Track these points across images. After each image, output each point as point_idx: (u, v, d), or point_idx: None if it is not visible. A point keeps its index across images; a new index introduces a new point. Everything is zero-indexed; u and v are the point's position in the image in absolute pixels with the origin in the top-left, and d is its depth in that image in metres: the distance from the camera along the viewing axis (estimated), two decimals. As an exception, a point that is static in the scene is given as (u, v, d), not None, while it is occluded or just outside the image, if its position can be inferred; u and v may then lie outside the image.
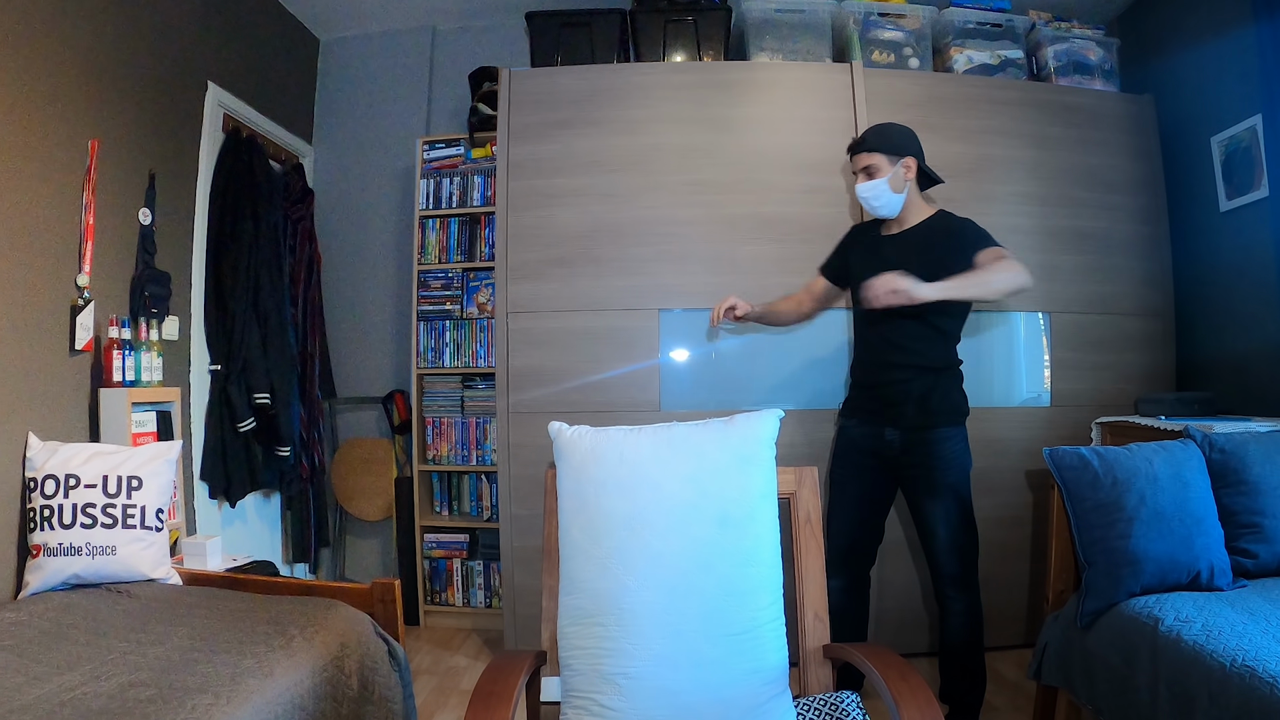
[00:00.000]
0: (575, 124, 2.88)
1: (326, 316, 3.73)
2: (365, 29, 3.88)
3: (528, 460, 2.80)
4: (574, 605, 1.55)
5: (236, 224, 3.06)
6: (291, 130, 3.66)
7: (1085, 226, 2.99)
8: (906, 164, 2.20)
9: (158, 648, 1.61)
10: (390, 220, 3.85)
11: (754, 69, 2.98)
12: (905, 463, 2.23)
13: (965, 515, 2.22)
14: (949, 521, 2.19)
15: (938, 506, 2.19)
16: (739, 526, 1.56)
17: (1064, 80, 3.12)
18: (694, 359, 2.93)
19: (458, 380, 3.45)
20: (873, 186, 2.19)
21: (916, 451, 2.20)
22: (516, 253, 2.85)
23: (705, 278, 2.84)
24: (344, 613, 1.86)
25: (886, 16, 3.03)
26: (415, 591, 3.36)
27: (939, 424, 2.19)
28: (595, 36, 3.08)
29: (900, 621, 2.84)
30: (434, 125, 3.87)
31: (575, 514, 1.60)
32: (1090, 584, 1.91)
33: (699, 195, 2.86)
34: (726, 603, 1.52)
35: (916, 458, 2.20)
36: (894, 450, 2.23)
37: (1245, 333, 2.88)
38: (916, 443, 2.19)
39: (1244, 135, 2.86)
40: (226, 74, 3.16)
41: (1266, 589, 1.86)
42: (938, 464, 2.18)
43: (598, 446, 1.63)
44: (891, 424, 2.22)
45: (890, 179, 2.18)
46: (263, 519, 3.41)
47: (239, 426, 2.99)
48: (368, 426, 3.79)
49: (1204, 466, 2.02)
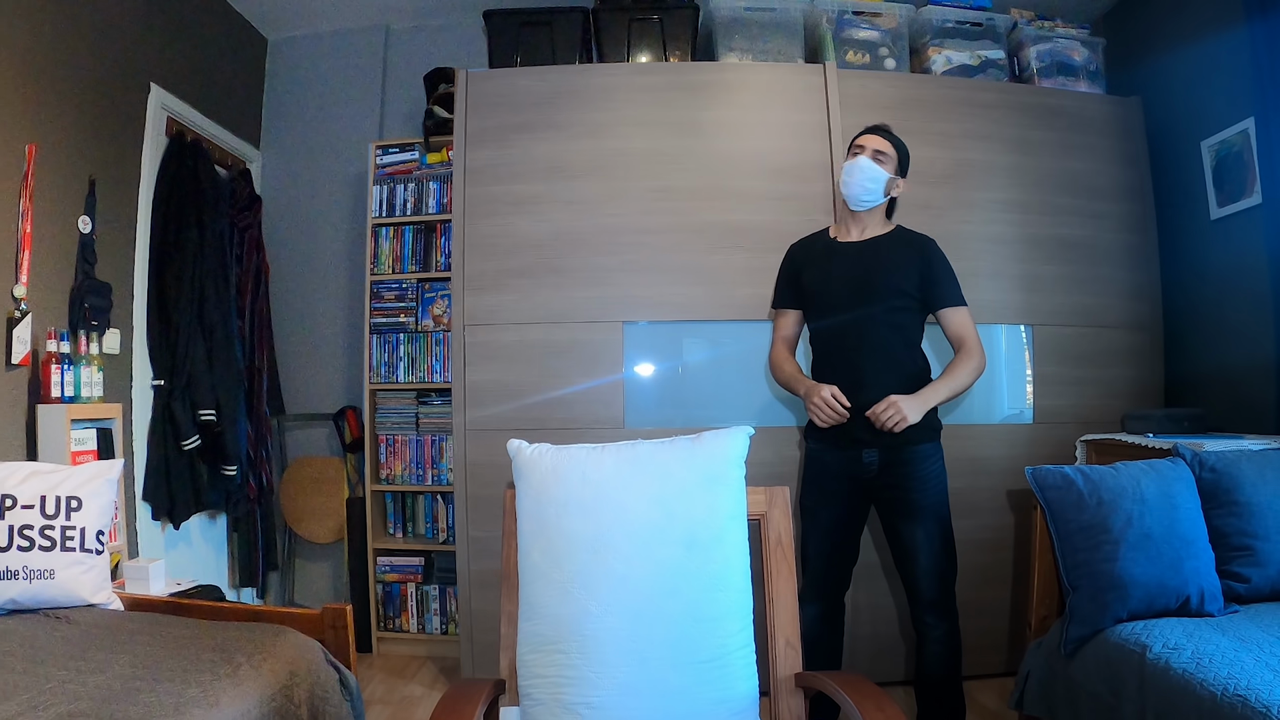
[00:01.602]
0: (536, 128, 3.06)
1: (275, 329, 3.92)
2: (315, 28, 4.09)
3: (486, 480, 2.95)
4: (534, 632, 1.63)
5: (181, 232, 3.25)
6: (238, 134, 3.87)
7: (1069, 235, 3.19)
8: (902, 183, 2.44)
9: (98, 676, 1.65)
10: (341, 229, 4.05)
11: (723, 70, 3.18)
12: (882, 484, 2.33)
13: (946, 537, 2.34)
14: (930, 544, 2.30)
15: (918, 529, 2.30)
16: (707, 549, 1.64)
17: (1047, 82, 3.33)
18: (660, 374, 3.12)
19: (412, 396, 3.64)
20: (874, 168, 2.36)
21: (895, 471, 2.30)
22: (474, 262, 3.02)
23: (672, 288, 3.02)
24: (293, 639, 1.93)
25: (861, 15, 3.25)
26: (368, 617, 3.53)
27: (919, 440, 2.30)
28: (556, 36, 3.29)
29: (875, 649, 2.99)
30: (387, 129, 4.07)
31: (535, 536, 1.68)
32: (1074, 610, 2.02)
33: (665, 202, 3.04)
34: (694, 629, 1.59)
35: (895, 478, 2.31)
36: (872, 472, 2.32)
37: (1237, 346, 3.05)
38: (895, 462, 2.30)
39: (1235, 139, 3.03)
40: (170, 75, 3.35)
41: (1260, 615, 1.95)
42: (916, 484, 2.30)
43: (559, 465, 1.72)
44: (870, 443, 2.31)
45: (888, 180, 2.39)
46: (208, 541, 3.59)
47: (183, 444, 3.16)
48: (318, 444, 3.98)
49: (1194, 486, 2.14)
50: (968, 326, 2.36)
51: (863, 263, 2.38)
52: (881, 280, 2.34)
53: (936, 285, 2.36)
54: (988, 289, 3.09)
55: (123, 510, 2.87)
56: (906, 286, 2.34)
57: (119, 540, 2.80)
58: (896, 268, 2.35)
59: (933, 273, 2.36)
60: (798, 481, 2.69)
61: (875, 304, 2.32)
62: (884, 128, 2.44)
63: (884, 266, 2.35)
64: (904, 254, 2.37)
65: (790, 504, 1.84)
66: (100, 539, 2.22)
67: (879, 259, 2.38)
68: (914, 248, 2.39)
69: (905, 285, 2.34)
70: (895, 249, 2.39)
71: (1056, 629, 2.12)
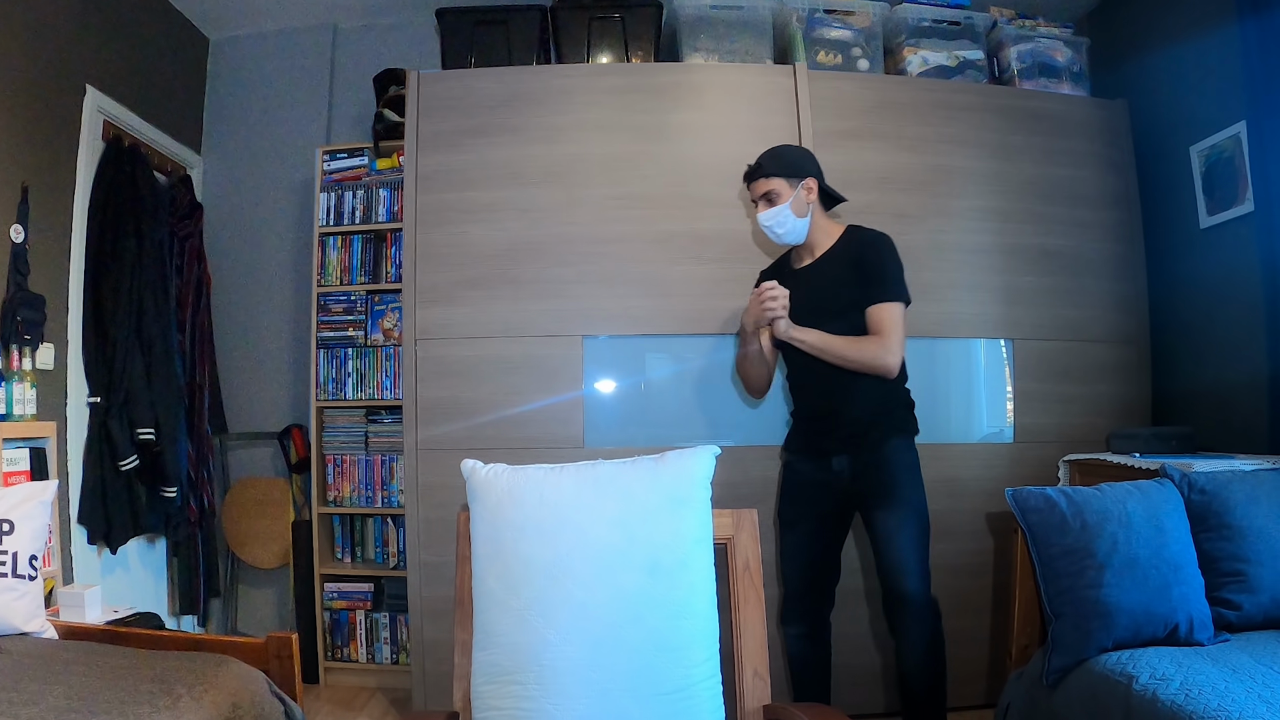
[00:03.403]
0: (491, 132, 3.28)
1: (217, 344, 4.14)
2: (259, 27, 4.33)
3: (438, 502, 3.15)
4: (489, 661, 1.70)
5: (118, 242, 3.46)
6: (178, 139, 4.10)
7: (1052, 244, 3.42)
8: (808, 185, 2.61)
9: (31, 708, 1.71)
10: (287, 238, 4.28)
11: (687, 71, 3.41)
12: (858, 487, 2.55)
13: (921, 528, 2.50)
14: (901, 532, 2.47)
15: (889, 516, 2.49)
16: (671, 575, 1.71)
17: (1028, 84, 3.57)
18: (621, 391, 3.33)
19: (361, 414, 3.86)
20: (775, 214, 2.59)
21: (870, 471, 2.53)
22: (426, 274, 3.23)
23: (633, 301, 3.23)
24: (236, 670, 2.05)
25: (833, 13, 3.49)
26: (314, 646, 3.73)
27: (887, 436, 2.54)
28: (513, 35, 3.53)
29: (851, 679, 3.14)
30: (335, 133, 4.31)
31: (490, 561, 1.76)
32: (1057, 638, 2.13)
33: (627, 210, 3.26)
34: (657, 658, 1.66)
35: (870, 475, 2.53)
36: (845, 479, 2.56)
37: (1228, 361, 3.25)
38: (869, 463, 2.53)
39: (1226, 144, 3.23)
40: (107, 77, 3.57)
41: (1251, 643, 2.05)
42: (887, 473, 2.51)
43: (515, 487, 1.80)
44: (840, 451, 2.56)
45: (792, 203, 2.59)
46: (147, 566, 3.77)
47: (120, 465, 3.35)
48: (262, 465, 4.20)
49: (1182, 509, 2.27)
50: (885, 321, 2.49)
51: (815, 285, 2.61)
52: (828, 300, 2.56)
53: (865, 285, 2.54)
54: (966, 301, 3.32)
55: (57, 534, 3.05)
56: (855, 298, 2.54)
57: (53, 565, 2.98)
58: (845, 281, 2.57)
59: (863, 273, 2.55)
60: (775, 499, 2.94)
61: (835, 322, 2.53)
62: (753, 167, 2.65)
63: (834, 284, 2.58)
64: (844, 265, 2.59)
65: (759, 527, 1.94)
66: (33, 564, 2.35)
67: (828, 277, 2.61)
68: (854, 253, 2.60)
69: (853, 297, 2.54)
70: (841, 262, 2.61)
71: (1038, 658, 2.24)
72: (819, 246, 2.68)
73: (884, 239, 2.61)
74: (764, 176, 2.61)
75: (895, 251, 2.58)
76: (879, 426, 2.55)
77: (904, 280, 2.57)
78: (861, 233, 2.66)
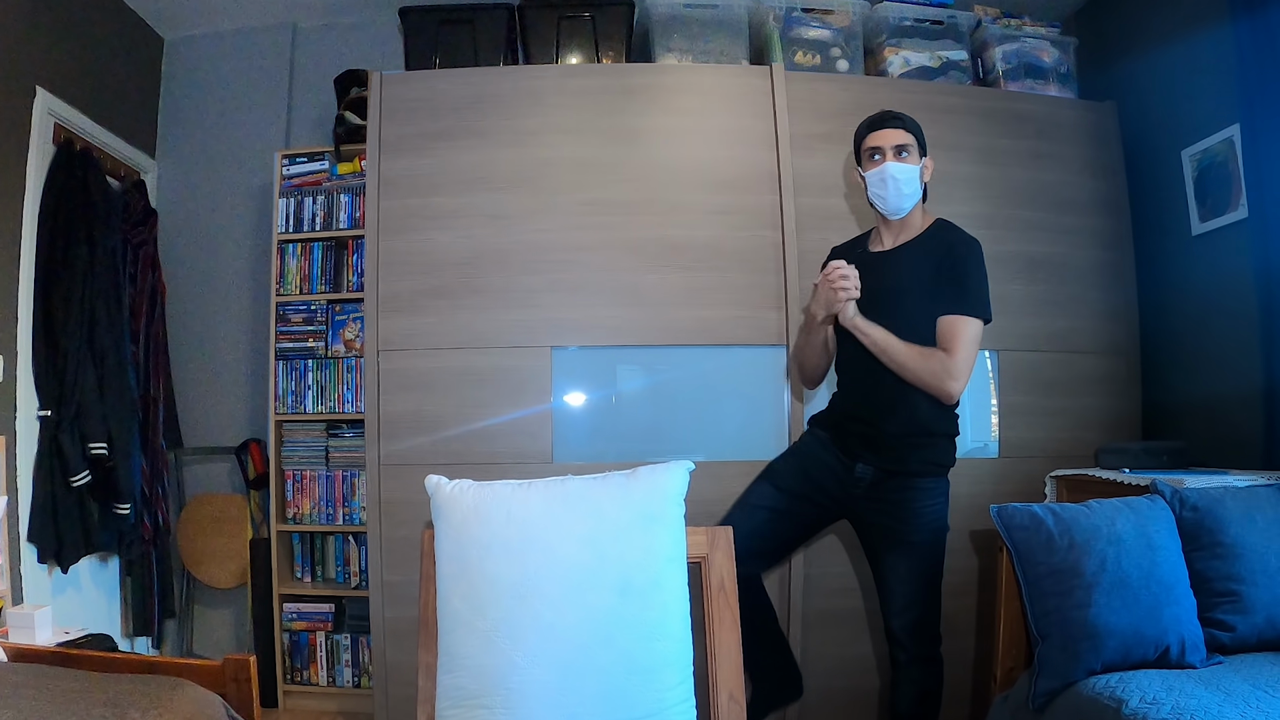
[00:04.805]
0: (456, 135, 3.43)
1: (172, 355, 4.29)
2: (216, 26, 4.49)
3: (402, 519, 3.26)
4: (455, 685, 1.77)
5: (69, 250, 3.59)
6: (132, 143, 4.26)
7: (1038, 252, 3.57)
8: (928, 164, 2.63)
9: None
10: (244, 245, 4.44)
11: (660, 72, 3.58)
12: (868, 507, 2.57)
13: (931, 579, 2.55)
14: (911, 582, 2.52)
15: (900, 563, 2.52)
16: (643, 595, 1.78)
17: (1014, 85, 3.74)
18: (592, 404, 3.49)
19: (322, 428, 4.02)
20: (909, 170, 2.54)
21: (887, 499, 2.53)
22: (389, 282, 3.36)
23: (604, 310, 3.37)
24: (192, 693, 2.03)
25: (811, 12, 3.66)
26: (273, 669, 3.88)
27: (920, 471, 2.53)
28: (479, 35, 3.70)
29: (831, 703, 3.31)
30: (295, 137, 4.49)
31: (456, 581, 1.82)
32: (1044, 660, 2.19)
33: (597, 217, 3.40)
34: (628, 681, 1.72)
35: (885, 506, 2.54)
36: (860, 488, 2.56)
37: (1221, 373, 3.38)
38: (889, 489, 2.53)
39: (1219, 148, 3.36)
40: (57, 78, 3.71)
41: (1245, 666, 2.12)
42: (910, 516, 2.51)
43: (481, 503, 1.87)
44: (868, 460, 2.54)
45: (922, 170, 2.58)
46: (99, 586, 3.91)
47: (72, 480, 3.48)
48: (219, 480, 4.36)
49: (1174, 526, 2.34)
50: (960, 337, 2.43)
51: (891, 274, 2.57)
52: (901, 293, 2.53)
53: (946, 289, 2.48)
54: (949, 311, 3.47)
55: (6, 552, 3.20)
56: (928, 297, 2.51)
57: (2, 585, 3.13)
58: (924, 278, 2.52)
59: (943, 276, 2.49)
60: None
61: (898, 319, 2.47)
62: (892, 115, 2.61)
63: (911, 277, 2.55)
64: (932, 258, 2.55)
65: (733, 546, 2.03)
66: (-18, 582, 2.49)
67: (906, 269, 2.58)
68: (943, 249, 2.55)
69: (928, 295, 2.51)
70: (925, 256, 2.57)
71: (1024, 681, 2.31)
72: (904, 233, 2.66)
73: (977, 245, 2.57)
74: (903, 129, 2.58)
75: (984, 263, 2.55)
76: (917, 455, 2.55)
77: (989, 297, 2.54)
78: (954, 232, 2.62)
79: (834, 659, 3.32)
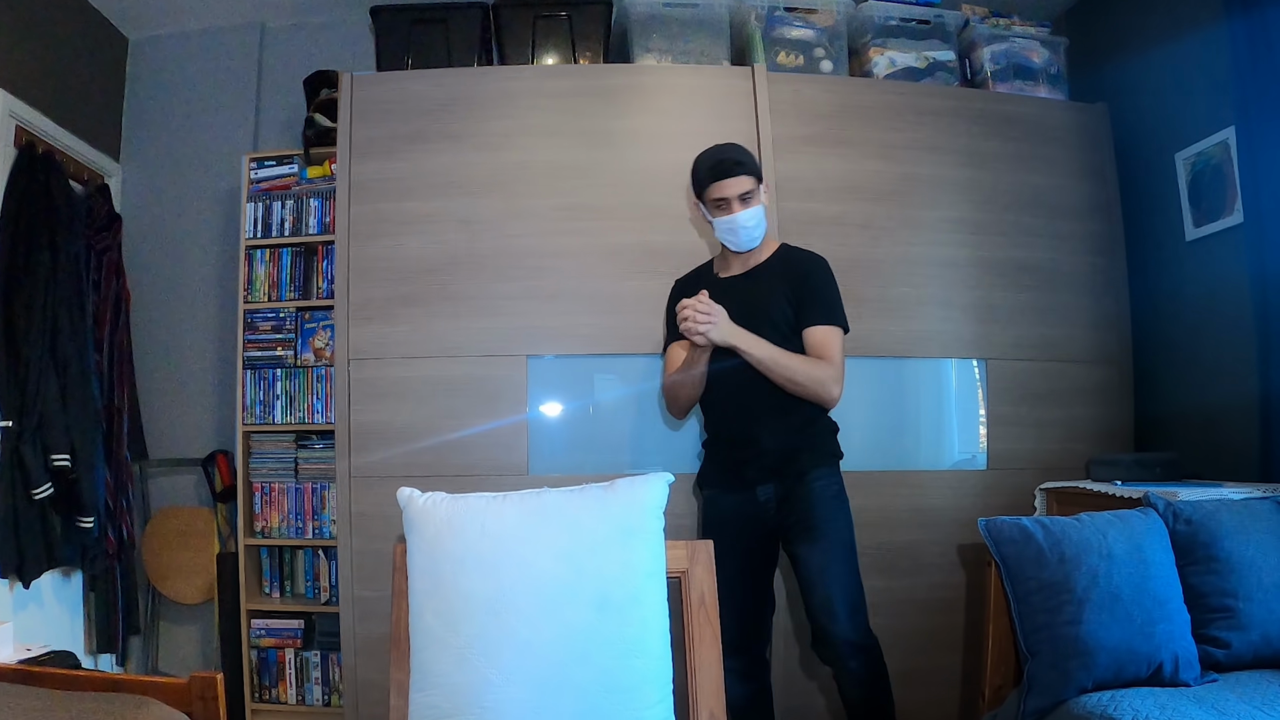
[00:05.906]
0: (429, 138, 3.53)
1: (137, 364, 4.38)
2: (182, 26, 4.59)
3: (373, 533, 3.33)
4: (428, 703, 1.80)
5: (31, 256, 3.68)
6: (95, 145, 4.35)
7: (1028, 258, 3.67)
8: (766, 190, 2.84)
9: None
10: (211, 251, 4.54)
11: (639, 73, 3.68)
12: (783, 519, 2.73)
13: (850, 564, 2.69)
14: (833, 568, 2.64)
15: (816, 551, 2.65)
16: (621, 610, 1.82)
17: (1003, 86, 3.85)
18: (569, 414, 3.59)
19: (291, 439, 4.10)
20: (757, 214, 2.75)
21: (794, 503, 2.71)
22: (360, 289, 3.46)
23: (581, 318, 3.46)
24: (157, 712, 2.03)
25: (794, 12, 3.77)
26: (241, 687, 3.94)
27: (814, 465, 2.73)
28: (452, 35, 3.80)
29: None
30: (263, 139, 4.59)
31: (429, 596, 1.86)
32: (1033, 678, 2.24)
33: (574, 222, 3.50)
34: (606, 700, 1.76)
35: (795, 507, 2.70)
36: (770, 510, 2.75)
37: (1215, 383, 3.48)
38: (793, 496, 2.71)
39: (1214, 151, 3.47)
40: (18, 79, 3.81)
41: (1241, 684, 2.16)
42: (815, 504, 2.69)
43: (455, 517, 1.91)
44: (765, 480, 2.74)
45: (763, 207, 2.78)
46: (62, 602, 3.97)
47: (34, 493, 3.54)
48: (185, 493, 4.45)
49: (1167, 540, 2.40)
50: (830, 346, 2.69)
51: (743, 298, 2.76)
52: (762, 314, 2.73)
53: (803, 306, 2.73)
54: (936, 318, 3.57)
55: None
56: (789, 316, 2.75)
57: None
58: (777, 298, 2.76)
59: (803, 293, 2.75)
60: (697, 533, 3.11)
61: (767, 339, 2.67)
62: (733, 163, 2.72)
63: (765, 298, 2.77)
64: (784, 281, 2.79)
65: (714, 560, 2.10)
66: (-59, 599, 2.55)
67: (759, 290, 2.80)
68: (794, 271, 2.81)
69: (788, 314, 2.75)
70: (775, 277, 2.81)
71: (1013, 700, 2.35)
72: (754, 258, 2.88)
73: (826, 262, 2.85)
74: (746, 174, 2.72)
75: (834, 277, 2.82)
76: (804, 454, 2.75)
77: (843, 308, 2.80)
78: (802, 252, 2.89)
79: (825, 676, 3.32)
